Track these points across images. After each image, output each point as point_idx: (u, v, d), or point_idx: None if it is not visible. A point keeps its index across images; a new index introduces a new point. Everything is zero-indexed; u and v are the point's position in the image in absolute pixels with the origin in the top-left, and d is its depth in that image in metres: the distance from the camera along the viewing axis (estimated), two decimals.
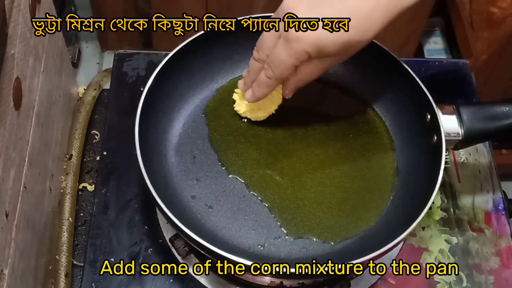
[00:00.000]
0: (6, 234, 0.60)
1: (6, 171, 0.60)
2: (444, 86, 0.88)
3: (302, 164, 0.72)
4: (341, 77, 0.80)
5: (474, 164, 0.81)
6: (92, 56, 1.69)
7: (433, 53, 1.61)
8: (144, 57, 0.89)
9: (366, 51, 0.76)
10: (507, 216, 0.77)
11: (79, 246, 0.79)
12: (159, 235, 0.74)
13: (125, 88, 0.85)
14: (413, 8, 0.59)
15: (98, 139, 0.88)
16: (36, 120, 0.71)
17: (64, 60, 0.87)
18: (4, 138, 0.60)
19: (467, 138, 0.69)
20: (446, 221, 0.76)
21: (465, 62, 0.91)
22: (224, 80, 0.79)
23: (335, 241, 0.67)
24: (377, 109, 0.78)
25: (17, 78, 0.63)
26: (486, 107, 0.70)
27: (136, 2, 1.52)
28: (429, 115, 0.69)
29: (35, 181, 0.71)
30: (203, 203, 0.69)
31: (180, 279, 0.71)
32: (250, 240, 0.67)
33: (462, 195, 0.79)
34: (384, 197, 0.70)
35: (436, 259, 0.73)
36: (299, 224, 0.68)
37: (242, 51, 0.79)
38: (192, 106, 0.76)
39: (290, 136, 0.75)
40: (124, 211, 0.75)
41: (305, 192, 0.70)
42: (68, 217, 0.79)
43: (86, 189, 0.84)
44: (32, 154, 0.69)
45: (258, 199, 0.69)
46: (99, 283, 0.70)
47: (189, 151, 0.73)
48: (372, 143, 0.75)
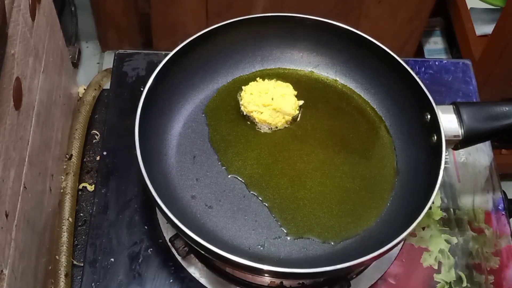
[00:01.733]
0: (6, 234, 0.60)
1: (6, 171, 0.60)
2: (444, 86, 0.88)
3: (302, 164, 0.72)
4: (341, 77, 0.80)
5: (474, 164, 0.81)
6: (92, 56, 1.69)
7: (433, 53, 1.62)
8: (144, 57, 0.89)
9: (366, 51, 0.76)
10: (507, 216, 0.77)
11: (79, 246, 0.79)
12: (159, 235, 0.73)
13: (125, 88, 0.85)
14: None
15: (98, 139, 0.88)
16: (36, 120, 0.71)
17: (64, 60, 0.87)
18: (4, 138, 0.60)
19: (467, 138, 0.69)
20: (446, 221, 0.76)
21: (465, 62, 0.91)
22: (224, 80, 0.79)
23: (335, 241, 0.67)
24: (377, 109, 0.78)
25: (17, 78, 0.63)
26: (486, 107, 0.70)
27: (136, 2, 1.52)
28: (429, 115, 0.69)
29: (35, 181, 0.71)
30: (203, 203, 0.69)
31: (180, 279, 0.71)
32: (250, 240, 0.67)
33: (462, 195, 0.79)
34: (384, 197, 0.71)
35: (436, 259, 0.73)
36: (299, 224, 0.68)
37: (242, 51, 0.79)
38: (192, 106, 0.77)
39: (290, 136, 0.75)
40: (124, 211, 0.75)
41: (305, 192, 0.70)
42: (68, 217, 0.79)
43: (86, 189, 0.84)
44: (32, 154, 0.69)
45: (258, 199, 0.69)
46: (99, 283, 0.70)
47: (189, 151, 0.73)
48: (372, 143, 0.75)
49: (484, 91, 0.93)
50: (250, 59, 0.80)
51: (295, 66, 0.81)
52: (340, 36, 0.77)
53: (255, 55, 0.80)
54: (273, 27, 0.78)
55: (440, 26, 1.66)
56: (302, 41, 0.80)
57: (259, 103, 0.74)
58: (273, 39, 0.80)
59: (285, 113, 0.74)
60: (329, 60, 0.81)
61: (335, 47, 0.79)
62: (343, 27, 0.76)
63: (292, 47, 0.81)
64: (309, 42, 0.80)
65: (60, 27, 0.85)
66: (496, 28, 1.28)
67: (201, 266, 0.71)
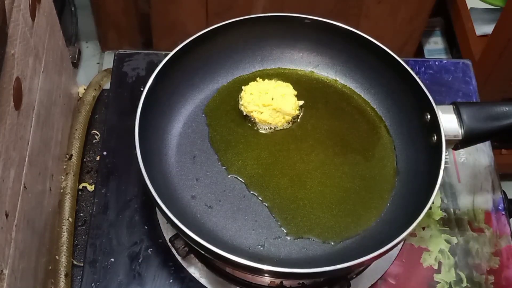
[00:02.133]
0: (6, 234, 0.60)
1: (6, 171, 0.60)
2: (444, 86, 0.88)
3: (302, 164, 0.72)
4: (341, 77, 0.80)
5: (474, 164, 0.81)
6: (92, 56, 1.69)
7: (433, 53, 1.62)
8: (144, 57, 0.89)
9: (366, 51, 0.76)
10: (507, 216, 0.77)
11: (79, 246, 0.79)
12: (159, 235, 0.73)
13: (125, 88, 0.85)
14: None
15: (98, 139, 0.88)
16: (36, 120, 0.71)
17: (64, 60, 0.87)
18: (4, 138, 0.60)
19: (467, 138, 0.69)
20: (446, 221, 0.76)
21: (465, 62, 0.91)
22: (224, 80, 0.79)
23: (335, 241, 0.67)
24: (377, 109, 0.78)
25: (17, 78, 0.63)
26: (486, 107, 0.70)
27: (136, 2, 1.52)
28: (429, 115, 0.69)
29: (35, 181, 0.71)
30: (203, 203, 0.69)
31: (180, 279, 0.71)
32: (250, 240, 0.67)
33: (462, 195, 0.79)
34: (384, 197, 0.70)
35: (436, 259, 0.73)
36: (299, 224, 0.68)
37: (242, 51, 0.79)
38: (192, 106, 0.77)
39: (290, 136, 0.75)
40: (124, 211, 0.75)
41: (305, 192, 0.70)
42: (68, 217, 0.79)
43: (86, 189, 0.84)
44: (32, 154, 0.69)
45: (258, 199, 0.69)
46: (99, 283, 0.70)
47: (189, 151, 0.73)
48: (372, 143, 0.75)
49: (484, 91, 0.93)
50: (250, 59, 0.80)
51: (295, 66, 0.81)
52: (340, 36, 0.77)
53: (255, 55, 0.80)
54: (273, 27, 0.78)
55: (440, 26, 1.66)
56: (302, 41, 0.80)
57: (259, 103, 0.75)
58: (273, 39, 0.80)
59: (285, 113, 0.74)
60: (329, 60, 0.81)
61: (335, 47, 0.79)
62: (343, 27, 0.76)
63: (292, 47, 0.81)
64: (309, 42, 0.80)
65: (60, 27, 0.85)
66: (496, 28, 1.28)
67: (201, 266, 0.71)
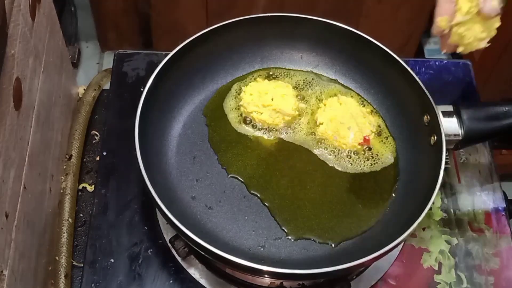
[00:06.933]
0: (6, 235, 0.60)
1: (6, 171, 0.60)
2: (444, 86, 0.88)
3: (302, 164, 0.72)
4: (341, 77, 0.80)
5: (474, 164, 0.81)
6: (92, 56, 1.69)
7: (433, 53, 1.61)
8: (144, 57, 0.88)
9: (366, 51, 0.76)
10: (507, 216, 0.77)
11: (78, 247, 0.79)
12: (159, 236, 0.73)
13: (125, 88, 0.85)
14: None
15: (98, 139, 0.88)
16: (36, 121, 0.71)
17: (64, 60, 0.86)
18: (4, 138, 0.60)
19: (467, 138, 0.69)
20: (447, 221, 0.76)
21: (465, 62, 0.91)
22: (224, 81, 0.79)
23: (335, 242, 0.67)
24: (377, 109, 0.78)
25: (17, 78, 0.63)
26: (486, 107, 0.70)
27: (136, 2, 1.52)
28: (429, 115, 0.69)
29: (35, 181, 0.71)
30: (203, 204, 0.69)
31: (180, 280, 0.71)
32: (251, 241, 0.66)
33: (462, 195, 0.78)
34: (384, 197, 0.70)
35: (437, 259, 0.73)
36: (300, 225, 0.68)
37: (242, 51, 0.79)
38: (192, 106, 0.76)
39: (290, 136, 0.75)
40: (124, 212, 0.75)
41: (305, 192, 0.70)
42: (68, 217, 0.79)
43: (86, 189, 0.84)
44: (32, 154, 0.69)
45: (258, 200, 0.69)
46: (98, 284, 0.70)
47: (189, 152, 0.73)
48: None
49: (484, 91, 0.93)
50: (250, 59, 0.80)
51: (295, 66, 0.81)
52: (340, 36, 0.77)
53: (255, 55, 0.80)
54: (273, 27, 0.78)
55: None
56: (302, 41, 0.80)
57: (259, 104, 0.74)
58: (273, 39, 0.80)
59: (285, 113, 0.74)
60: (329, 60, 0.80)
61: (335, 47, 0.79)
62: (343, 27, 0.76)
63: (292, 47, 0.81)
64: (309, 42, 0.80)
65: (60, 27, 0.85)
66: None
67: (201, 267, 0.71)
